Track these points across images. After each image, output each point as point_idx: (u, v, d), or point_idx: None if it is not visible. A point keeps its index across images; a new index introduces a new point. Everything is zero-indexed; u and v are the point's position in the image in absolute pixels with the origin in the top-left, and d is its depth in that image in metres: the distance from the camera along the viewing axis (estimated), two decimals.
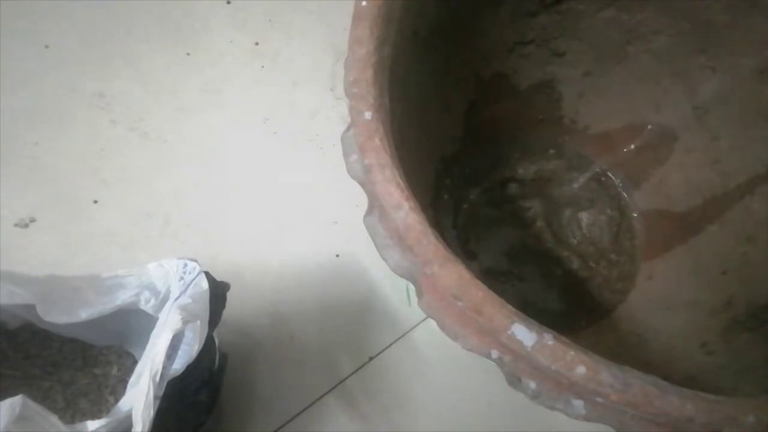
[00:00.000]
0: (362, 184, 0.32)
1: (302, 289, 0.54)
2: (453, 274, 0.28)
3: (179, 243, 0.55)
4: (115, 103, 0.60)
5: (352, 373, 0.51)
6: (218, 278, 0.39)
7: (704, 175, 0.50)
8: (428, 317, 0.30)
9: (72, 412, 0.41)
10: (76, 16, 0.64)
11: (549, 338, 0.27)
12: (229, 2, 0.67)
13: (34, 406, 0.30)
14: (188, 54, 0.63)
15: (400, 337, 0.52)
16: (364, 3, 0.34)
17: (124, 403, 0.33)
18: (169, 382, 0.33)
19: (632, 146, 0.55)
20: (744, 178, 0.48)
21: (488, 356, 0.28)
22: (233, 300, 0.40)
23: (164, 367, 0.32)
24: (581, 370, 0.26)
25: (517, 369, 0.28)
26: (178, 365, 0.34)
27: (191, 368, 0.34)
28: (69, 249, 0.53)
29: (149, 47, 0.63)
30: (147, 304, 0.37)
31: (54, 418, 0.31)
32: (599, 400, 0.27)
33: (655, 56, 0.49)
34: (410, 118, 0.41)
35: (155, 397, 0.31)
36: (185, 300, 0.35)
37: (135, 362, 0.42)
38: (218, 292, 0.38)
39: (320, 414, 0.49)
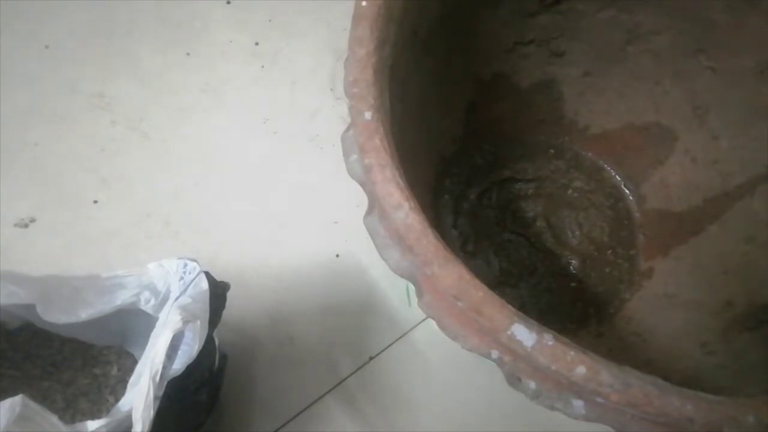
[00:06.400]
0: (362, 184, 0.32)
1: (302, 289, 0.54)
2: (453, 274, 0.28)
3: (179, 243, 0.55)
4: (115, 103, 0.60)
5: (352, 373, 0.51)
6: (218, 278, 0.39)
7: (704, 175, 0.50)
8: (428, 317, 0.30)
9: (72, 412, 0.41)
10: (76, 16, 0.64)
11: (549, 338, 0.27)
12: (229, 2, 0.67)
13: (34, 406, 0.30)
14: (188, 54, 0.63)
15: (400, 337, 0.52)
16: (364, 3, 0.34)
17: (124, 403, 0.33)
18: (169, 382, 0.33)
19: (632, 146, 0.55)
20: (744, 178, 0.48)
21: (488, 356, 0.28)
22: (233, 300, 0.40)
23: (164, 367, 0.32)
24: (581, 370, 0.26)
25: (517, 369, 0.28)
26: (178, 365, 0.34)
27: (191, 368, 0.34)
28: (69, 249, 0.53)
29: (149, 47, 0.63)
30: (147, 304, 0.37)
31: (54, 418, 0.31)
32: (599, 400, 0.27)
33: (655, 56, 0.49)
34: (410, 118, 0.41)
35: (155, 397, 0.31)
36: (185, 300, 0.35)
37: (135, 362, 0.42)
38: (218, 292, 0.38)
39: (320, 414, 0.49)
